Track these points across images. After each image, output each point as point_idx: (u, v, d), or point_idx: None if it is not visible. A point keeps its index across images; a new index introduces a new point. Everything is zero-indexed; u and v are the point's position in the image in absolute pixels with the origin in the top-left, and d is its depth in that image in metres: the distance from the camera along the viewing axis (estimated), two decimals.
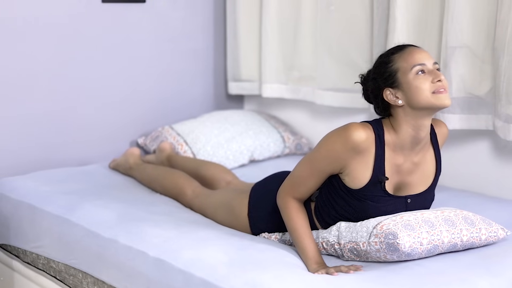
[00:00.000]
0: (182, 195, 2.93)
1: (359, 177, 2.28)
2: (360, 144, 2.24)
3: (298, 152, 3.66)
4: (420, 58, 2.24)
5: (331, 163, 2.28)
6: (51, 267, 2.81)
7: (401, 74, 2.24)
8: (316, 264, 2.23)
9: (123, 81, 3.57)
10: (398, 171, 2.31)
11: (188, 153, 3.43)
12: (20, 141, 3.29)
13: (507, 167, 3.00)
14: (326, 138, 2.30)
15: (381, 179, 2.27)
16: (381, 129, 2.29)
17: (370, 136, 2.26)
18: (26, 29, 3.23)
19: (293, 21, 3.62)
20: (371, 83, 2.32)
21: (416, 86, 2.21)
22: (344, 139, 2.24)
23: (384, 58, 2.30)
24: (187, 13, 3.76)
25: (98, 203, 2.80)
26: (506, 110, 2.79)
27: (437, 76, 2.22)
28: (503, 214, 2.65)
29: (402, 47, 2.30)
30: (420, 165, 2.34)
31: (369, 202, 2.29)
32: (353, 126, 2.25)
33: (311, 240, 2.29)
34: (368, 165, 2.27)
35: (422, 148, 2.33)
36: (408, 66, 2.23)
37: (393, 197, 2.31)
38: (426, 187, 2.37)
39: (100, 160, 3.49)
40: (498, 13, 2.80)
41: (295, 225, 2.33)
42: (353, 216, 2.32)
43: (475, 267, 2.17)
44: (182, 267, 2.27)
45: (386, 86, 2.27)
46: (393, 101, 2.26)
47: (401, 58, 2.25)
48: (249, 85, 3.87)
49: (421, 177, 2.35)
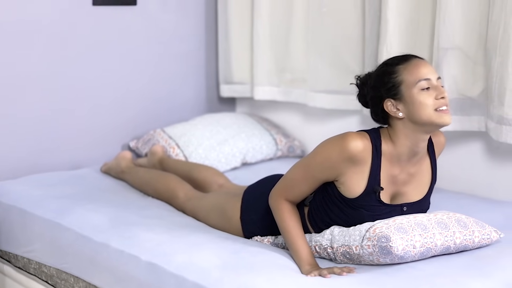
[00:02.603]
0: (175, 198, 2.93)
1: (354, 187, 2.27)
2: (357, 155, 2.23)
3: (290, 154, 3.66)
4: (426, 72, 2.21)
5: (326, 171, 2.27)
6: (42, 271, 2.80)
7: (405, 87, 2.21)
8: (309, 265, 2.23)
9: (114, 84, 3.56)
10: (393, 181, 2.30)
11: (180, 156, 3.42)
12: (11, 145, 3.27)
13: (499, 169, 3.00)
14: (323, 145, 2.29)
15: (376, 189, 2.26)
16: (379, 139, 2.27)
17: (367, 147, 2.25)
18: (16, 32, 3.22)
19: (285, 23, 3.61)
20: (371, 91, 2.29)
21: (420, 102, 2.19)
22: (341, 149, 2.23)
23: (388, 68, 2.26)
24: (179, 15, 3.75)
25: (90, 207, 2.79)
26: (498, 111, 2.79)
27: (441, 93, 2.20)
28: (496, 215, 2.65)
29: (407, 58, 2.26)
30: (416, 175, 2.34)
31: (363, 211, 2.28)
32: (351, 135, 2.24)
33: (303, 242, 2.29)
34: (363, 175, 2.26)
35: (419, 160, 2.32)
36: (413, 80, 2.20)
37: (388, 206, 2.30)
38: (421, 196, 2.36)
39: (91, 164, 3.48)
40: (490, 14, 2.81)
41: (287, 226, 2.32)
42: (347, 223, 2.31)
43: (468, 269, 2.17)
44: (174, 271, 2.26)
45: (388, 96, 2.24)
46: (393, 112, 2.24)
47: (406, 70, 2.22)
48: (241, 88, 3.87)
49: (416, 186, 2.35)
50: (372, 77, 2.31)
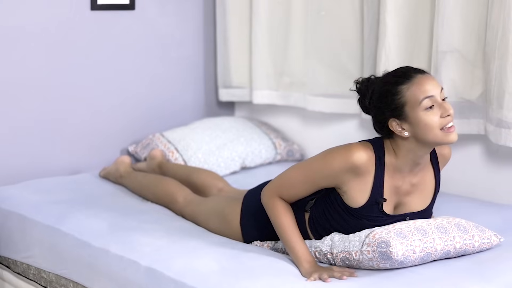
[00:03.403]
0: (174, 203, 2.92)
1: (356, 197, 2.27)
2: (361, 166, 2.22)
3: (289, 158, 3.65)
4: (429, 89, 2.18)
5: (326, 178, 2.27)
6: (42, 277, 2.79)
7: (409, 108, 2.19)
8: (307, 263, 2.23)
9: (113, 89, 3.56)
10: (396, 192, 2.30)
11: (179, 161, 3.42)
12: (9, 151, 3.26)
13: (499, 172, 2.99)
14: (327, 153, 2.29)
15: (379, 201, 2.26)
16: (382, 150, 2.27)
17: (371, 158, 2.24)
18: (15, 38, 3.21)
19: (283, 27, 3.61)
20: (375, 110, 2.27)
21: (425, 123, 2.18)
22: (345, 159, 2.22)
23: (390, 88, 2.22)
24: (177, 20, 3.74)
25: (89, 213, 2.78)
26: (498, 114, 2.79)
27: (446, 111, 2.18)
28: (496, 219, 2.65)
29: (408, 75, 2.22)
30: (419, 185, 2.33)
31: (365, 221, 2.28)
32: (356, 146, 2.24)
33: (299, 239, 2.29)
34: (366, 186, 2.26)
35: (421, 170, 2.32)
36: (417, 100, 2.18)
37: (391, 217, 2.30)
38: (425, 206, 2.36)
39: (90, 169, 3.47)
40: (488, 17, 2.80)
41: (282, 223, 2.32)
42: (348, 232, 2.31)
43: (468, 273, 2.16)
44: (174, 276, 2.25)
45: (392, 116, 2.22)
46: (398, 131, 2.23)
47: (410, 90, 2.19)
48: (240, 92, 3.86)
49: (419, 196, 2.35)
50: (374, 93, 2.27)
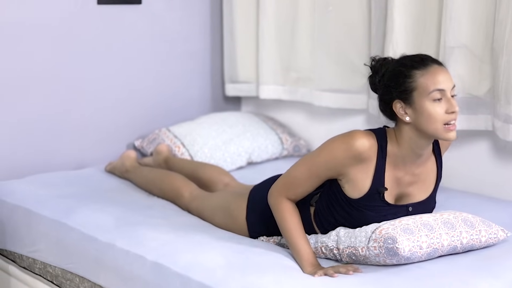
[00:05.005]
0: (180, 198, 2.92)
1: (358, 186, 2.26)
2: (363, 153, 2.21)
3: (296, 154, 3.65)
4: (441, 82, 2.17)
5: (330, 169, 2.26)
6: (47, 271, 2.79)
7: (417, 94, 2.18)
8: (311, 266, 2.21)
9: (119, 83, 3.56)
10: (398, 182, 2.29)
11: (186, 155, 3.42)
12: (16, 145, 3.27)
13: (506, 168, 2.98)
14: (328, 143, 2.28)
15: (380, 190, 2.25)
16: (385, 139, 2.26)
17: (373, 146, 2.23)
18: (21, 32, 3.21)
19: (290, 22, 3.60)
20: (383, 88, 2.26)
21: (429, 114, 2.17)
22: (347, 146, 2.21)
23: (404, 70, 2.20)
24: (184, 14, 3.74)
25: (95, 207, 2.78)
26: (505, 110, 2.78)
27: (452, 107, 2.17)
28: (503, 215, 2.64)
29: (426, 62, 2.20)
30: (421, 175, 2.32)
31: (368, 212, 2.27)
32: (357, 134, 2.23)
33: (305, 241, 2.28)
34: (368, 174, 2.25)
35: (423, 161, 2.31)
36: (427, 89, 2.16)
37: (393, 207, 2.29)
38: (427, 195, 2.35)
39: (96, 163, 3.47)
40: (496, 13, 2.79)
41: (289, 226, 2.31)
42: (352, 225, 2.30)
43: (475, 269, 2.16)
44: (180, 271, 2.25)
45: (398, 98, 2.21)
46: (400, 114, 2.22)
47: (423, 77, 2.17)
48: (246, 87, 3.85)
49: (421, 186, 2.34)
50: (387, 72, 2.26)
